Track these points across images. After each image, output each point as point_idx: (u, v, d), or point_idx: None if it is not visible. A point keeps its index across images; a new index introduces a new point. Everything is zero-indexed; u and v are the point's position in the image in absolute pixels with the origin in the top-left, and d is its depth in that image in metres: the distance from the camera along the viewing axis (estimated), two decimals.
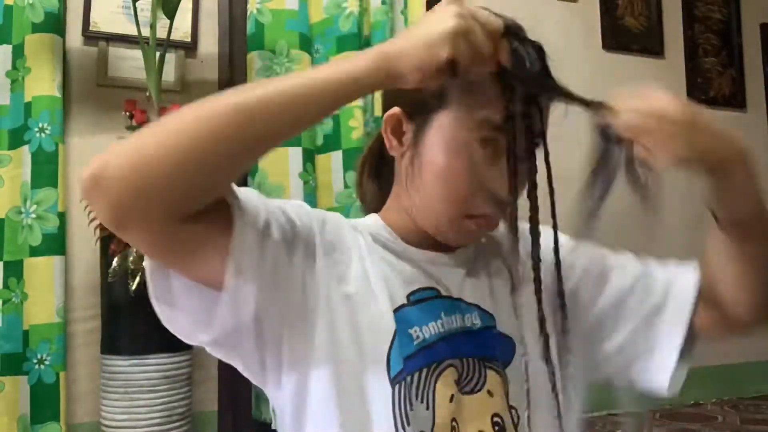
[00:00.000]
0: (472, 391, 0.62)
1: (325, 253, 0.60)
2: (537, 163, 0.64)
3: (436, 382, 0.60)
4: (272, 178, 1.81)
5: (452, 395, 0.60)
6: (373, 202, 0.74)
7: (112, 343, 1.53)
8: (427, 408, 0.59)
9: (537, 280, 0.56)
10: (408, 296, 0.63)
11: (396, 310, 0.61)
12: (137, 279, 1.47)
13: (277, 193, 1.81)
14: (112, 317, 1.55)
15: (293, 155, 1.83)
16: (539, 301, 0.57)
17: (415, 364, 0.59)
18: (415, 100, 0.61)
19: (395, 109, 0.64)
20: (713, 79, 2.78)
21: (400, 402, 0.58)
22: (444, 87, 0.57)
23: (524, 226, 0.63)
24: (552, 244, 0.64)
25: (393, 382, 0.58)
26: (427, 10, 2.01)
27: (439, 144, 0.60)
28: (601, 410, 2.02)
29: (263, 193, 1.83)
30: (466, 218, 0.62)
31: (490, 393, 0.62)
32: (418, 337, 0.61)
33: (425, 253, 0.66)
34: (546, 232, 0.65)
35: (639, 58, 2.65)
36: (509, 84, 0.57)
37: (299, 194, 1.81)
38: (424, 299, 0.64)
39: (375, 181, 0.74)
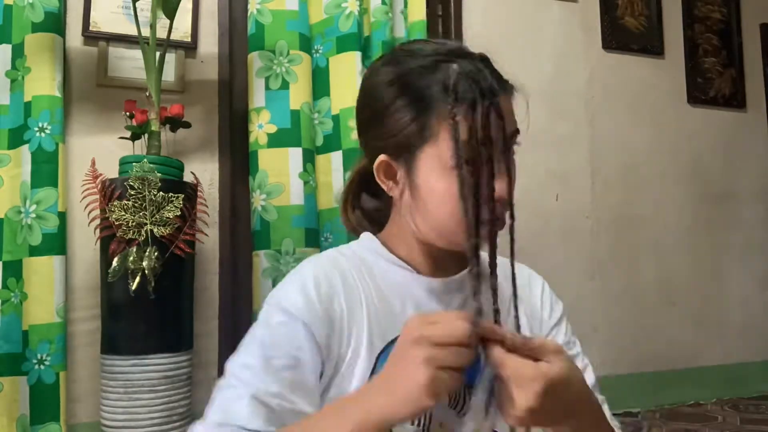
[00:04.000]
0: (460, 413, 0.66)
1: (326, 358, 0.64)
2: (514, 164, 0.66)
3: (431, 411, 0.65)
4: (272, 178, 1.81)
5: (440, 422, 0.65)
6: (360, 227, 0.78)
7: (112, 343, 1.53)
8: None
9: (496, 312, 0.57)
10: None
11: (391, 343, 0.65)
12: (137, 279, 1.47)
13: (277, 193, 1.81)
14: (112, 317, 1.54)
15: (293, 155, 1.83)
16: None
17: None
18: (397, 142, 0.66)
19: (382, 157, 0.68)
20: (713, 79, 2.78)
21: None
22: (420, 123, 0.63)
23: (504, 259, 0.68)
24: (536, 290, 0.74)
25: None
26: (427, 9, 2.01)
27: (433, 172, 0.63)
28: None
29: (263, 193, 1.83)
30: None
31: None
32: None
33: (424, 280, 0.70)
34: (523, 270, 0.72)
35: (639, 58, 2.65)
36: (474, 113, 0.60)
37: (299, 194, 1.81)
38: None
39: (360, 212, 0.78)
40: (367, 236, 0.74)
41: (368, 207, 0.78)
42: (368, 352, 0.64)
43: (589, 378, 0.73)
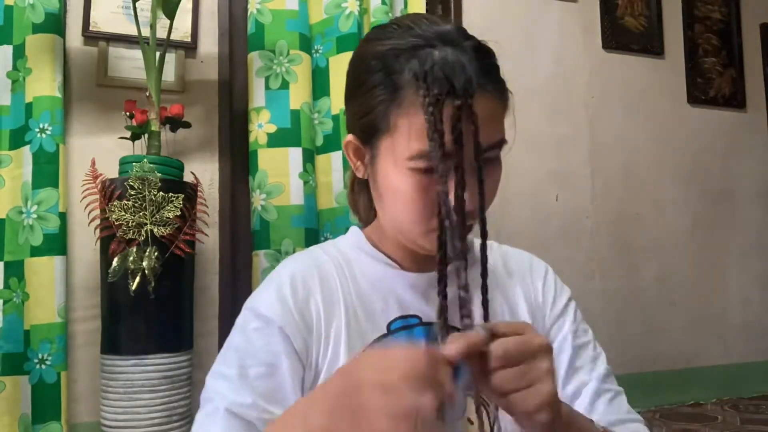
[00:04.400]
0: (453, 416, 0.63)
1: (302, 357, 0.62)
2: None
3: None
4: (272, 178, 1.81)
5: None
6: (366, 214, 0.75)
7: (112, 343, 1.53)
8: None
9: (485, 303, 0.55)
10: (388, 326, 0.64)
11: (371, 345, 0.63)
12: (137, 279, 1.47)
13: (277, 193, 1.81)
14: (113, 317, 1.55)
15: (293, 155, 1.83)
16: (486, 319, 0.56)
17: None
18: (363, 124, 0.61)
19: (349, 136, 0.64)
20: (713, 79, 2.78)
21: None
22: (381, 111, 0.58)
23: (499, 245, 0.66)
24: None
25: None
26: (427, 9, 2.01)
27: (389, 167, 0.59)
28: None
29: (263, 193, 1.83)
30: (434, 231, 0.60)
31: (470, 420, 0.63)
32: None
33: (407, 276, 0.67)
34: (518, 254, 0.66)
35: (639, 58, 2.65)
36: (435, 113, 0.52)
37: (299, 194, 1.81)
38: (406, 327, 0.65)
39: (366, 194, 0.74)
40: (353, 230, 0.72)
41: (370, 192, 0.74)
42: (348, 356, 0.62)
43: (601, 368, 0.71)
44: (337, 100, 1.90)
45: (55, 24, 1.75)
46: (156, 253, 1.49)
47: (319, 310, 0.63)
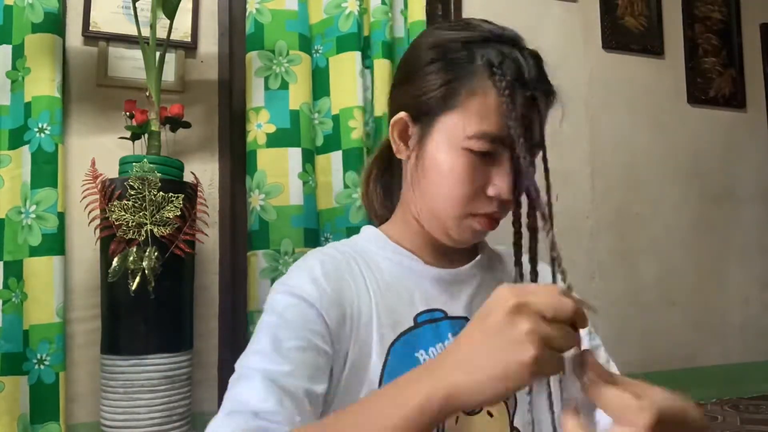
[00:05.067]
0: (471, 412, 0.63)
1: (336, 342, 0.60)
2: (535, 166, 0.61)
3: None
4: (272, 178, 1.81)
5: (457, 417, 0.62)
6: (380, 209, 0.75)
7: (112, 343, 1.53)
8: (437, 430, 0.60)
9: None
10: (415, 318, 0.64)
11: (403, 334, 0.62)
12: (137, 279, 1.47)
13: (276, 193, 1.81)
14: (112, 317, 1.54)
15: (293, 155, 1.83)
16: None
17: None
18: (420, 103, 0.64)
19: (401, 114, 0.66)
20: (713, 79, 2.78)
21: None
22: (449, 90, 0.60)
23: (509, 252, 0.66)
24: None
25: None
26: (427, 10, 2.01)
27: (443, 145, 0.61)
28: None
29: (262, 193, 1.83)
30: (470, 217, 0.63)
31: (489, 414, 0.63)
32: (424, 360, 0.62)
33: (432, 270, 0.67)
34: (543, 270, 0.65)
35: (639, 58, 2.65)
36: (510, 97, 0.57)
37: (299, 194, 1.81)
38: (432, 320, 0.65)
39: (381, 188, 0.76)
40: (369, 229, 0.73)
41: (386, 187, 0.76)
42: (379, 344, 0.61)
43: (615, 370, 0.71)
44: (337, 101, 1.90)
45: (55, 24, 1.75)
46: (156, 253, 1.49)
47: (352, 295, 0.62)
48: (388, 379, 0.60)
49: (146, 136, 1.65)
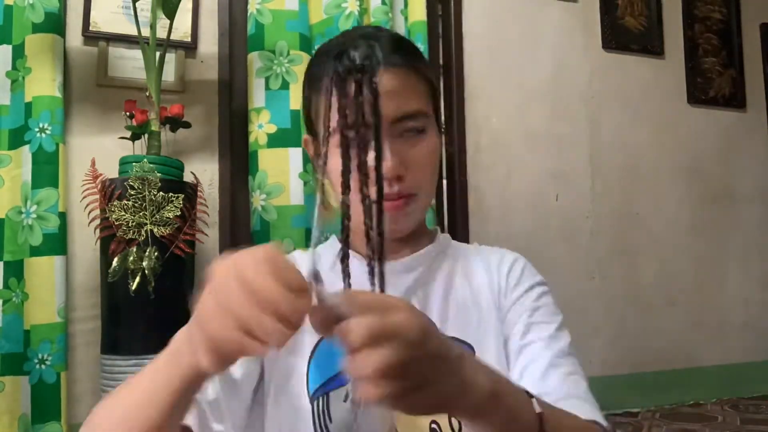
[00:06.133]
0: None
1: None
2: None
3: None
4: (272, 178, 1.81)
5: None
6: None
7: (112, 343, 1.53)
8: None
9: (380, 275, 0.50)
10: None
11: None
12: (137, 279, 1.47)
13: (277, 193, 1.81)
14: (113, 317, 1.55)
15: (293, 155, 1.83)
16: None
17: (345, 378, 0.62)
18: (306, 121, 0.72)
19: (305, 136, 0.73)
20: (713, 79, 2.78)
21: (320, 415, 0.63)
22: (311, 103, 0.68)
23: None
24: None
25: (312, 398, 0.64)
26: (427, 9, 2.02)
27: (328, 153, 0.61)
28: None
29: (263, 193, 1.82)
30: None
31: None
32: None
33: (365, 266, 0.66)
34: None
35: (639, 58, 2.65)
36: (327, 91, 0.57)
37: (299, 194, 1.81)
38: None
39: None
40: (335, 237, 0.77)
41: None
42: (308, 344, 0.65)
43: (560, 346, 0.66)
44: None
45: (55, 24, 1.75)
46: (156, 253, 1.49)
47: None
48: (317, 364, 0.64)
49: (146, 136, 1.65)
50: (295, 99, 1.86)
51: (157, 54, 1.65)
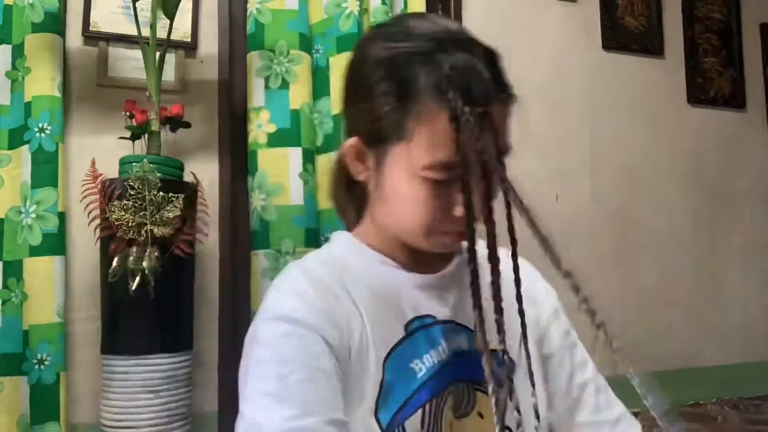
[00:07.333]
0: (462, 415, 0.62)
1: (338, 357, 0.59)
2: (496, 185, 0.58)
3: (443, 411, 0.61)
4: (272, 178, 1.81)
5: (451, 422, 0.61)
6: (353, 218, 0.73)
7: (112, 343, 1.53)
8: None
9: (498, 310, 0.53)
10: (406, 327, 0.62)
11: (396, 347, 0.60)
12: (137, 279, 1.47)
13: (277, 193, 1.81)
14: (112, 317, 1.54)
15: (293, 155, 1.83)
16: (500, 327, 0.55)
17: (420, 399, 0.59)
18: (371, 130, 0.60)
19: (354, 140, 0.63)
20: (713, 79, 2.78)
21: None
22: (397, 119, 0.57)
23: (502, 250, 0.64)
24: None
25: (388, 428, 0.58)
26: (427, 9, 2.02)
27: (400, 174, 0.59)
28: None
29: (263, 193, 1.82)
30: (439, 234, 0.61)
31: (480, 415, 0.63)
32: (420, 369, 0.61)
33: (416, 276, 0.65)
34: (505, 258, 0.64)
35: (639, 58, 2.64)
36: (461, 124, 0.52)
37: (299, 194, 1.81)
38: (424, 327, 0.63)
39: (351, 198, 0.73)
40: (341, 235, 0.70)
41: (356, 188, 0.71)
42: (375, 360, 0.59)
43: (589, 371, 0.72)
44: (337, 101, 1.90)
45: (55, 23, 1.75)
46: (156, 254, 1.49)
47: (343, 310, 0.59)
48: (385, 398, 0.58)
49: (146, 136, 1.65)
50: (294, 99, 1.86)
51: (157, 54, 1.65)
